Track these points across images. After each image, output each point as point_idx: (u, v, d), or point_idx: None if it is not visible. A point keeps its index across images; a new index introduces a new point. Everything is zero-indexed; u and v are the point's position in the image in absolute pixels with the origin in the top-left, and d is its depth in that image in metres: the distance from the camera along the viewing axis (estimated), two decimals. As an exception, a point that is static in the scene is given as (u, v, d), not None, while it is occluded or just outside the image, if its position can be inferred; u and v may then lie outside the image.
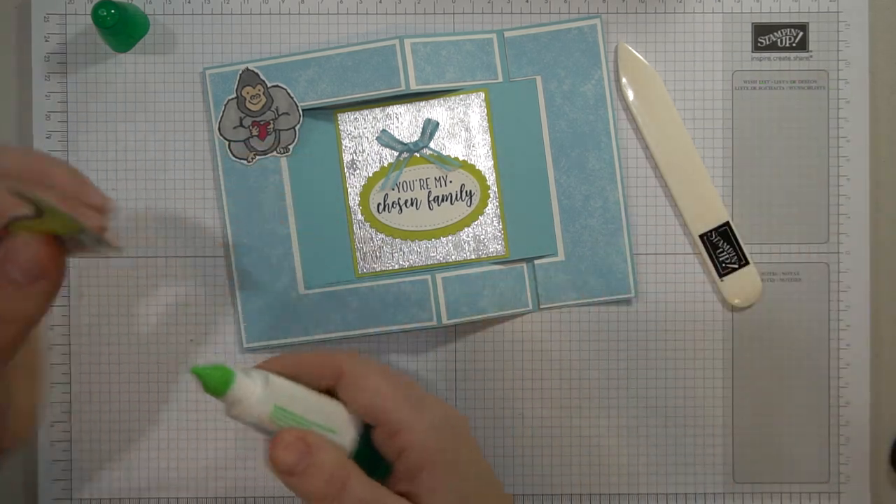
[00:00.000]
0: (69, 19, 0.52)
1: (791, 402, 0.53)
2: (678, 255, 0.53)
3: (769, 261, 0.53)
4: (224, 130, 0.52)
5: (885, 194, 0.53)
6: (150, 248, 0.52)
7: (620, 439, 0.53)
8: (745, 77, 0.53)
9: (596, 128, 0.52)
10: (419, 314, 0.51)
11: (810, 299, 0.53)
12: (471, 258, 0.52)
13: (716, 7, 0.53)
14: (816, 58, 0.53)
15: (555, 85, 0.52)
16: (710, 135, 0.53)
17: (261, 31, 0.52)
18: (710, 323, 0.53)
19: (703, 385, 0.53)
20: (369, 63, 0.51)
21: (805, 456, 0.53)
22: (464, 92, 0.52)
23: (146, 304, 0.52)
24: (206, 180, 0.52)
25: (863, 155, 0.53)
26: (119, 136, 0.52)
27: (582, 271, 0.52)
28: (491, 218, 0.52)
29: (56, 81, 0.52)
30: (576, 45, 0.52)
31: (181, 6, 0.52)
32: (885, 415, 0.53)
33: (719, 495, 0.53)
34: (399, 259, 0.52)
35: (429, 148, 0.51)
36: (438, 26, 0.53)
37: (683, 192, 0.52)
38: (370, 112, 0.52)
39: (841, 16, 0.53)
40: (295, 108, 0.51)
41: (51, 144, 0.52)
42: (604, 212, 0.52)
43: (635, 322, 0.53)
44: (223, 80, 0.51)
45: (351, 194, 0.52)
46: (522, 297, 0.52)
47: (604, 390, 0.53)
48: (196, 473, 0.52)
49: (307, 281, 0.52)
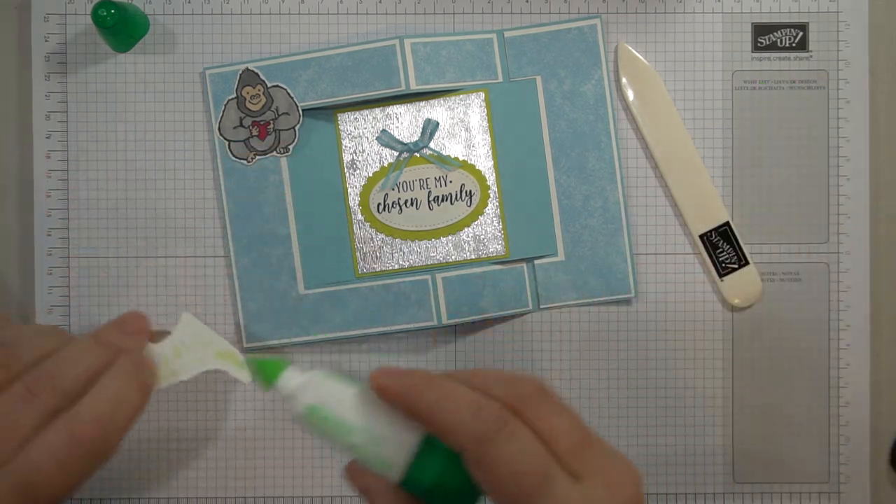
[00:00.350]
0: (69, 19, 0.52)
1: (791, 402, 0.53)
2: (678, 255, 0.53)
3: (769, 261, 0.53)
4: (224, 130, 0.52)
5: (885, 194, 0.53)
6: (150, 248, 0.52)
7: (620, 439, 0.53)
8: (745, 77, 0.53)
9: (596, 128, 0.52)
10: (419, 314, 0.51)
11: (810, 299, 0.53)
12: (471, 258, 0.52)
13: (716, 7, 0.53)
14: (816, 58, 0.53)
15: (555, 85, 0.52)
16: (710, 135, 0.53)
17: (261, 31, 0.52)
18: (710, 323, 0.53)
19: (704, 385, 0.53)
20: (369, 63, 0.51)
21: (805, 456, 0.53)
22: (464, 92, 0.52)
23: (146, 304, 0.52)
24: (206, 180, 0.52)
25: (863, 155, 0.53)
26: (119, 136, 0.52)
27: (582, 271, 0.52)
28: (491, 218, 0.52)
29: (56, 81, 0.52)
30: (576, 45, 0.52)
31: (181, 6, 0.52)
32: (885, 415, 0.53)
33: (719, 495, 0.53)
34: (399, 259, 0.52)
35: (429, 148, 0.51)
36: (438, 26, 0.53)
37: (683, 192, 0.52)
38: (370, 112, 0.52)
39: (841, 16, 0.53)
40: (295, 108, 0.51)
41: (51, 144, 0.52)
42: (604, 212, 0.52)
43: (635, 322, 0.53)
44: (223, 80, 0.51)
45: (351, 194, 0.52)
46: (522, 297, 0.52)
47: (604, 390, 0.53)
48: (196, 473, 0.52)
49: (307, 281, 0.52)
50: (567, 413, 0.35)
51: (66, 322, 0.52)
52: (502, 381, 0.35)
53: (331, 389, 0.37)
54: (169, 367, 0.43)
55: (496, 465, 0.33)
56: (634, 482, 0.34)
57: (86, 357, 0.39)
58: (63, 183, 0.52)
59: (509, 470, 0.32)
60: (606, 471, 0.34)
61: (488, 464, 0.33)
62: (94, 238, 0.52)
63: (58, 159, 0.52)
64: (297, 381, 0.38)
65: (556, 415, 0.35)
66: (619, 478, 0.34)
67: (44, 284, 0.52)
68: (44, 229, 0.52)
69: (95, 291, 0.52)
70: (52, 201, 0.52)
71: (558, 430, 0.34)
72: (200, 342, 0.44)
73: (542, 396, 0.35)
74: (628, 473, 0.34)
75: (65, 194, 0.52)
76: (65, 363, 0.38)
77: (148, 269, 0.52)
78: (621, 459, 0.35)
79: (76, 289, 0.52)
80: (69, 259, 0.52)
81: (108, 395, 0.38)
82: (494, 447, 0.33)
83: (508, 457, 0.33)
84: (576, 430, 0.34)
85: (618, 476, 0.34)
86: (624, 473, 0.34)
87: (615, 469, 0.34)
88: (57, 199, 0.52)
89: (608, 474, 0.34)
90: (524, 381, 0.35)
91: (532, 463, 0.33)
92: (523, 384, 0.35)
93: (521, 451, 0.33)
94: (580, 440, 0.34)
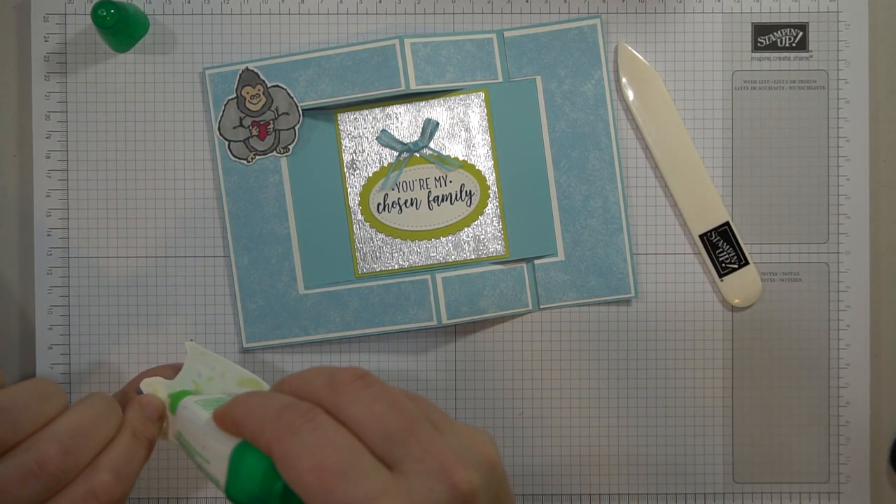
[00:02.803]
0: (69, 19, 0.52)
1: (791, 402, 0.53)
2: (678, 255, 0.53)
3: (769, 261, 0.53)
4: (224, 130, 0.52)
5: (885, 194, 0.53)
6: (150, 248, 0.52)
7: (620, 439, 0.53)
8: (745, 77, 0.53)
9: (596, 128, 0.52)
10: (419, 314, 0.51)
11: (810, 299, 0.53)
12: (471, 258, 0.52)
13: (716, 7, 0.53)
14: (816, 58, 0.53)
15: (555, 85, 0.52)
16: (710, 135, 0.53)
17: (261, 31, 0.52)
18: (710, 323, 0.53)
19: (703, 385, 0.53)
20: (369, 63, 0.51)
21: (805, 456, 0.53)
22: (464, 92, 0.52)
23: (146, 304, 0.52)
24: (206, 180, 0.52)
25: (863, 155, 0.53)
26: (119, 136, 0.52)
27: (582, 271, 0.52)
28: (491, 218, 0.52)
29: (56, 81, 0.52)
30: (576, 45, 0.52)
31: (181, 6, 0.52)
32: (885, 415, 0.53)
33: (719, 495, 0.53)
34: (399, 259, 0.52)
35: (429, 148, 0.51)
36: (438, 26, 0.53)
37: (683, 192, 0.52)
38: (370, 112, 0.52)
39: (841, 16, 0.53)
40: (295, 108, 0.51)
41: (51, 144, 0.52)
42: (604, 212, 0.52)
43: (635, 322, 0.53)
44: (223, 80, 0.51)
45: (351, 194, 0.52)
46: (522, 297, 0.52)
47: (604, 390, 0.53)
48: (196, 473, 0.52)
49: (307, 281, 0.52)
50: (387, 398, 0.32)
51: (65, 322, 0.52)
52: (321, 375, 0.34)
53: (190, 415, 0.38)
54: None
55: (299, 459, 0.31)
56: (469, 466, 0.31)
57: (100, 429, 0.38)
58: (63, 183, 0.52)
59: (311, 463, 0.30)
60: (430, 456, 0.31)
61: (292, 460, 0.31)
62: (94, 238, 0.52)
63: (58, 159, 0.52)
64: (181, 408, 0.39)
65: (373, 400, 0.32)
66: (444, 462, 0.31)
67: (44, 284, 0.52)
68: (44, 229, 0.52)
69: (95, 291, 0.52)
70: (52, 201, 0.52)
71: (370, 417, 0.32)
72: (217, 373, 0.42)
73: (361, 383, 0.33)
74: (463, 458, 0.31)
75: (65, 194, 0.52)
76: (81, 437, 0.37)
77: (148, 269, 0.52)
78: (465, 439, 0.33)
79: (76, 289, 0.52)
80: (69, 259, 0.52)
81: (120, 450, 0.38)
82: (297, 441, 0.31)
83: (309, 450, 0.31)
84: (395, 414, 0.32)
85: (445, 460, 0.31)
86: (454, 459, 0.31)
87: (444, 454, 0.31)
88: (57, 198, 0.52)
89: (431, 460, 0.31)
90: (343, 372, 0.34)
91: (334, 452, 0.30)
92: (342, 375, 0.33)
93: (321, 443, 0.31)
94: (401, 425, 0.32)
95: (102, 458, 0.37)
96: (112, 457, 0.38)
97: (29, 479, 0.35)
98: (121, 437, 0.39)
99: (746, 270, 0.52)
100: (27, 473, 0.35)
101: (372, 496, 0.29)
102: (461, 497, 0.30)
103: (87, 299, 0.52)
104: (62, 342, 0.52)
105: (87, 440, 0.37)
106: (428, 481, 0.30)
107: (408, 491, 0.30)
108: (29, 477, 0.35)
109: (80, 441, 0.37)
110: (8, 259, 0.53)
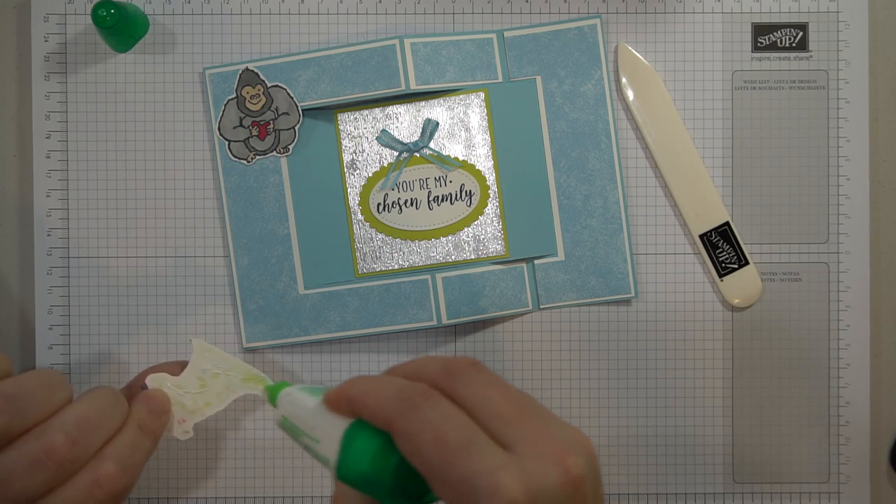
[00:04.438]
0: (69, 19, 0.52)
1: (791, 402, 0.53)
2: (678, 255, 0.53)
3: (769, 261, 0.53)
4: (224, 130, 0.52)
5: (885, 194, 0.53)
6: (150, 248, 0.52)
7: (620, 439, 0.53)
8: (745, 77, 0.53)
9: (596, 128, 0.52)
10: (419, 314, 0.51)
11: (810, 299, 0.53)
12: (471, 258, 0.52)
13: (716, 7, 0.53)
14: (816, 58, 0.53)
15: (555, 85, 0.52)
16: (710, 135, 0.53)
17: (261, 31, 0.52)
18: (710, 323, 0.53)
19: (703, 385, 0.53)
20: (369, 63, 0.51)
21: (805, 456, 0.53)
22: (464, 92, 0.52)
23: (146, 304, 0.52)
24: (206, 180, 0.52)
25: (863, 155, 0.53)
26: (119, 136, 0.52)
27: (582, 271, 0.52)
28: (491, 218, 0.52)
29: (56, 81, 0.52)
30: (576, 45, 0.52)
31: (181, 6, 0.52)
32: (885, 415, 0.53)
33: (719, 495, 0.53)
34: (399, 259, 0.52)
35: (429, 148, 0.51)
36: (438, 26, 0.53)
37: (683, 192, 0.52)
38: (370, 112, 0.52)
39: (841, 16, 0.53)
40: (295, 107, 0.51)
41: (51, 144, 0.52)
42: (604, 212, 0.52)
43: (635, 322, 0.53)
44: (223, 80, 0.51)
45: (351, 194, 0.52)
46: (522, 297, 0.52)
47: (604, 390, 0.53)
48: (196, 473, 0.52)
49: (307, 281, 0.52)
50: (499, 385, 0.34)
51: (65, 322, 0.52)
52: (435, 362, 0.35)
53: (296, 401, 0.39)
54: (200, 400, 0.44)
55: (419, 433, 0.32)
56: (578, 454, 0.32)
57: (107, 421, 0.39)
58: (63, 183, 0.52)
59: (432, 437, 0.32)
60: (542, 441, 0.32)
61: (413, 433, 0.32)
62: (94, 238, 0.52)
63: (58, 159, 0.52)
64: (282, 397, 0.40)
65: (486, 386, 0.34)
66: (555, 448, 0.32)
67: (44, 284, 0.52)
68: (44, 229, 0.52)
69: (95, 291, 0.52)
70: (52, 201, 0.52)
71: (484, 400, 0.33)
72: (222, 368, 0.44)
73: (473, 370, 0.35)
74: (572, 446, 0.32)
75: (65, 194, 0.52)
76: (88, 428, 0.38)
77: (148, 269, 0.52)
78: (569, 432, 0.34)
79: (76, 289, 0.52)
80: (69, 259, 0.52)
81: (126, 442, 0.39)
82: (417, 416, 0.32)
83: (430, 425, 0.32)
84: (507, 399, 0.33)
85: (556, 447, 0.32)
86: (565, 446, 0.32)
87: (555, 440, 0.32)
88: (57, 198, 0.52)
89: (543, 444, 0.32)
90: (456, 360, 0.35)
91: (454, 428, 0.32)
92: (455, 362, 0.35)
93: (442, 418, 0.32)
94: (512, 411, 0.33)
95: (108, 449, 0.38)
96: (117, 448, 0.38)
97: (36, 468, 0.36)
98: (126, 430, 0.39)
99: (746, 270, 0.52)
100: (35, 462, 0.36)
101: (490, 469, 0.30)
102: (572, 481, 0.31)
103: (86, 299, 0.52)
104: (62, 342, 0.52)
105: (93, 430, 0.38)
106: (541, 462, 0.31)
107: (523, 469, 0.31)
108: (36, 465, 0.36)
109: (87, 431, 0.37)
110: (8, 259, 0.53)
